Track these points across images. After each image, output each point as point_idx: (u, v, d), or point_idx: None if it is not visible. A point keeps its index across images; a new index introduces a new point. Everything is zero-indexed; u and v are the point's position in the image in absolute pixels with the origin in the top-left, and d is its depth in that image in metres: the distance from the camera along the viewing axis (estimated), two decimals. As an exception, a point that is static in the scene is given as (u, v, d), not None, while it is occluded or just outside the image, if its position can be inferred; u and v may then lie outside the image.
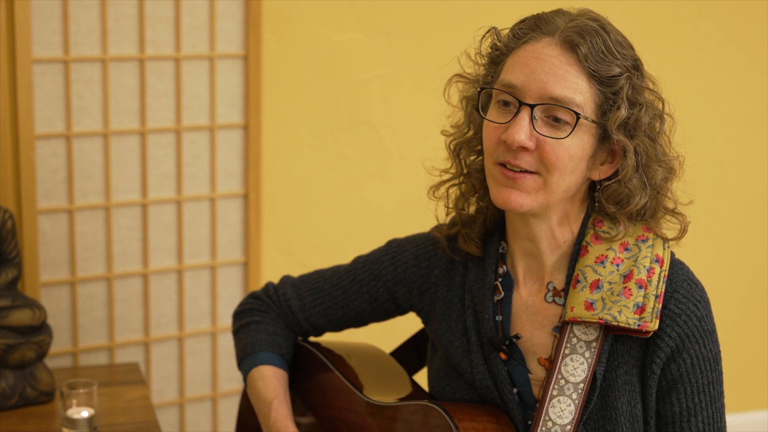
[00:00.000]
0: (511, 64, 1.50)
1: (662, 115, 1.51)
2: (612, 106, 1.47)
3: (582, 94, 1.45)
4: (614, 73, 1.46)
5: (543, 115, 1.46)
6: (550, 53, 1.46)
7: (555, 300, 1.56)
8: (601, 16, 1.51)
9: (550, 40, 1.47)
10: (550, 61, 1.46)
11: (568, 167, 1.47)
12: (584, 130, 1.47)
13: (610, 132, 1.47)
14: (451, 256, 1.67)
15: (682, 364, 1.48)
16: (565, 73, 1.45)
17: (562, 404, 1.50)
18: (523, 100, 1.46)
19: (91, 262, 2.40)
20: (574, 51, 1.45)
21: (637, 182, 1.49)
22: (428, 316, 1.71)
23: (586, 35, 1.46)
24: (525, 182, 1.47)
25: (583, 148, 1.47)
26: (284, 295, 1.82)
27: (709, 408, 1.50)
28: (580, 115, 1.45)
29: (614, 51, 1.47)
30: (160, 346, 2.51)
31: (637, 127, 1.48)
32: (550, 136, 1.45)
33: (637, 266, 1.49)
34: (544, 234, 1.55)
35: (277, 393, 1.73)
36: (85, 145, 2.34)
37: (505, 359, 1.58)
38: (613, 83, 1.46)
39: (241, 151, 2.49)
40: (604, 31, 1.48)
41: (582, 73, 1.45)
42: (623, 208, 1.51)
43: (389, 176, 2.66)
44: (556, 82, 1.45)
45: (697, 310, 1.49)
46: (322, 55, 2.54)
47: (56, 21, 2.26)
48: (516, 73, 1.48)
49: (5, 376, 2.06)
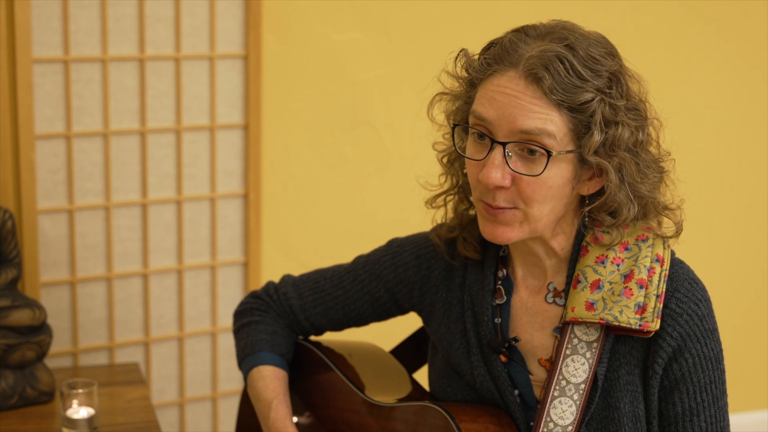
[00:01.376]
0: (481, 96, 1.47)
1: (645, 125, 1.48)
2: (586, 131, 1.43)
3: (554, 123, 1.42)
4: (585, 100, 1.42)
5: (517, 149, 1.44)
6: (515, 87, 1.43)
7: (555, 301, 1.56)
8: (571, 30, 1.46)
9: (513, 74, 1.43)
10: (517, 96, 1.42)
11: (547, 197, 1.45)
12: (560, 160, 1.44)
13: (585, 157, 1.44)
14: (450, 261, 1.67)
15: (684, 364, 1.48)
16: (533, 107, 1.42)
17: (563, 405, 1.50)
18: (495, 138, 1.44)
19: (91, 262, 2.40)
20: (538, 84, 1.41)
21: (624, 197, 1.47)
22: (428, 316, 1.70)
23: (549, 65, 1.41)
24: (506, 217, 1.47)
25: (561, 176, 1.45)
26: (285, 294, 1.82)
27: (711, 407, 1.49)
28: (551, 152, 1.42)
29: (582, 75, 1.42)
30: (160, 346, 2.51)
31: (615, 147, 1.45)
32: (525, 173, 1.43)
33: (637, 266, 1.49)
34: (540, 248, 1.55)
35: (276, 393, 1.73)
36: (85, 145, 2.34)
37: (505, 361, 1.58)
38: (585, 109, 1.42)
39: (241, 151, 2.49)
40: (572, 52, 1.42)
41: (551, 105, 1.42)
42: (615, 219, 1.50)
43: (389, 176, 2.66)
44: (524, 117, 1.42)
45: (698, 309, 1.49)
46: (322, 55, 2.54)
47: (56, 21, 2.26)
48: (486, 107, 1.45)
49: (5, 376, 2.06)
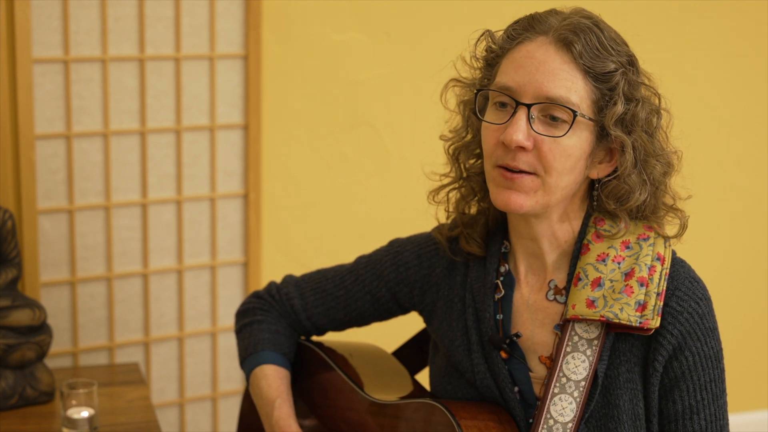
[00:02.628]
0: (507, 65, 1.50)
1: (659, 110, 1.52)
2: (608, 102, 1.47)
3: (578, 93, 1.45)
4: (609, 69, 1.46)
5: (540, 115, 1.46)
6: (544, 52, 1.47)
7: (556, 298, 1.56)
8: (594, 14, 1.52)
9: (544, 40, 1.48)
10: (545, 61, 1.46)
11: (566, 166, 1.47)
12: (582, 128, 1.47)
13: (607, 128, 1.47)
14: (452, 257, 1.67)
15: (684, 362, 1.48)
16: (560, 72, 1.45)
17: (563, 402, 1.50)
18: (520, 100, 1.46)
19: (91, 262, 2.40)
20: (568, 49, 1.46)
21: (636, 178, 1.50)
22: (430, 315, 1.71)
23: (579, 33, 1.46)
24: (523, 183, 1.47)
25: (581, 147, 1.47)
26: (287, 294, 1.82)
27: (711, 406, 1.50)
28: (577, 112, 1.45)
29: (608, 47, 1.47)
30: (160, 346, 2.51)
31: (634, 123, 1.48)
32: (548, 134, 1.45)
33: (638, 264, 1.49)
34: (545, 233, 1.55)
35: (279, 392, 1.73)
36: (85, 145, 2.34)
37: (505, 358, 1.58)
38: (609, 79, 1.46)
39: (241, 151, 2.49)
40: (598, 28, 1.48)
41: (577, 71, 1.46)
42: (623, 205, 1.51)
43: (389, 176, 2.66)
44: (551, 82, 1.45)
45: (698, 307, 1.49)
46: (322, 55, 2.54)
47: (56, 21, 2.26)
48: (511, 75, 1.48)
49: (5, 376, 2.06)
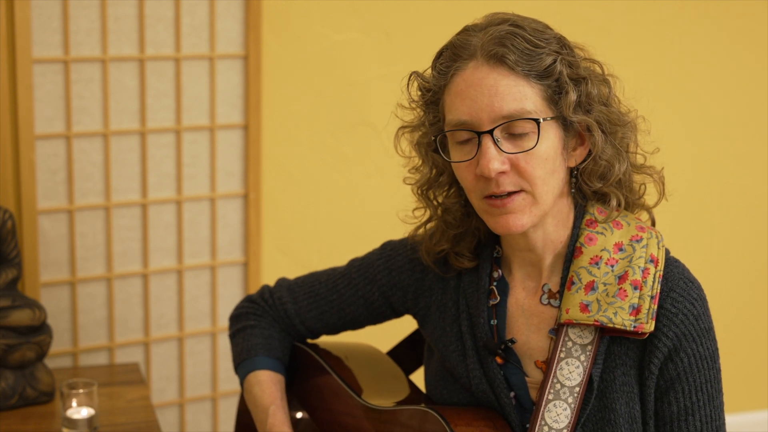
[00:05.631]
0: (451, 101, 1.48)
1: (604, 77, 1.51)
2: (560, 92, 1.45)
3: (530, 99, 1.44)
4: (547, 64, 1.44)
5: (503, 134, 1.45)
6: (481, 75, 1.44)
7: (550, 302, 1.55)
8: (507, 14, 1.50)
9: (475, 63, 1.46)
10: (486, 83, 1.44)
11: (547, 171, 1.46)
12: (547, 130, 1.46)
13: (568, 117, 1.46)
14: (444, 276, 1.65)
15: (680, 364, 1.47)
16: (505, 88, 1.43)
17: (558, 408, 1.49)
18: (480, 130, 1.44)
19: (91, 262, 2.40)
20: (502, 62, 1.44)
21: (611, 151, 1.50)
22: (424, 319, 1.70)
23: (506, 41, 1.44)
24: (515, 204, 1.46)
25: (553, 147, 1.47)
26: (280, 299, 1.82)
27: (707, 407, 1.49)
28: (539, 120, 1.44)
29: (537, 43, 1.45)
30: (160, 346, 2.51)
31: (590, 101, 1.47)
32: (520, 151, 1.44)
33: (631, 267, 1.49)
34: (540, 239, 1.54)
35: (273, 398, 1.73)
36: (85, 145, 2.34)
37: (501, 363, 1.57)
38: (551, 72, 1.45)
39: (241, 151, 2.49)
40: (519, 27, 1.46)
41: (519, 79, 1.44)
42: (608, 181, 1.51)
43: (389, 176, 2.66)
44: (501, 100, 1.43)
45: (693, 308, 1.48)
46: (322, 55, 2.54)
47: (56, 21, 2.26)
48: (460, 108, 1.46)
49: (5, 376, 2.06)
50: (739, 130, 3.01)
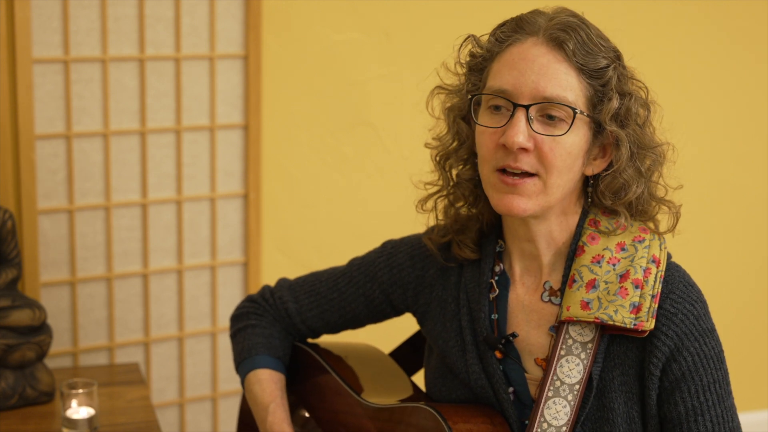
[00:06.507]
0: (498, 68, 1.50)
1: (647, 103, 1.52)
2: (603, 98, 1.47)
3: (573, 91, 1.46)
4: (602, 65, 1.47)
5: (537, 115, 1.46)
6: (537, 53, 1.47)
7: (551, 299, 1.56)
8: (577, 13, 1.52)
9: (535, 40, 1.48)
10: (539, 61, 1.46)
11: (566, 164, 1.47)
12: (580, 126, 1.47)
13: (603, 124, 1.47)
14: (446, 264, 1.66)
15: (683, 363, 1.47)
16: (555, 71, 1.45)
17: (557, 405, 1.49)
18: (517, 102, 1.46)
19: (91, 262, 2.40)
20: (561, 47, 1.46)
21: (632, 171, 1.50)
22: (423, 316, 1.70)
23: (570, 31, 1.47)
24: (525, 187, 1.47)
25: (579, 144, 1.48)
26: (281, 298, 1.82)
27: (716, 407, 1.47)
28: (577, 110, 1.45)
29: (598, 44, 1.48)
30: (160, 346, 2.51)
31: (628, 117, 1.49)
32: (548, 134, 1.45)
33: (633, 266, 1.49)
34: (543, 234, 1.55)
35: (274, 397, 1.73)
36: (85, 145, 2.34)
37: (500, 358, 1.57)
38: (602, 75, 1.47)
39: (241, 151, 2.49)
40: (585, 25, 1.49)
41: (571, 69, 1.46)
42: (620, 199, 1.52)
43: (389, 176, 2.66)
44: (547, 82, 1.45)
45: (693, 309, 1.48)
46: (322, 55, 2.54)
47: (56, 21, 2.26)
48: (505, 77, 1.48)
49: (5, 376, 2.06)
50: (739, 130, 3.01)
